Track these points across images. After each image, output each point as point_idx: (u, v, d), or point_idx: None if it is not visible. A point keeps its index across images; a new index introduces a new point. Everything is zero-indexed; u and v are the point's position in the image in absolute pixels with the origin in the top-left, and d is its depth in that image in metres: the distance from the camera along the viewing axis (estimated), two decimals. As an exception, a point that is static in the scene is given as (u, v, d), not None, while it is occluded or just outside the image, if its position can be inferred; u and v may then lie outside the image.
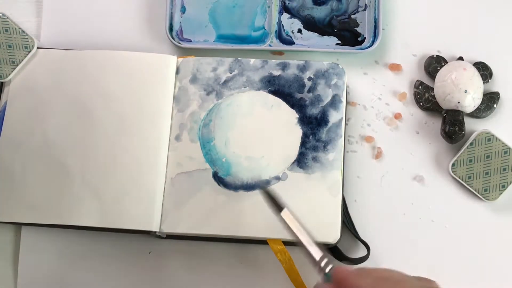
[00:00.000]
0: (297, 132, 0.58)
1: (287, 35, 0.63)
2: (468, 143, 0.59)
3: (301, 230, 0.48)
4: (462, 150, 0.59)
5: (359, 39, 0.63)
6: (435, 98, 0.60)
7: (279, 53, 0.63)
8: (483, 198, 0.58)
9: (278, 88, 0.59)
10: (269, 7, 0.64)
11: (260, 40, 0.63)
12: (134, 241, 0.59)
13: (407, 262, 0.58)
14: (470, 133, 0.60)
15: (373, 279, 0.43)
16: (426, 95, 0.61)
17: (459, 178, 0.59)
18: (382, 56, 0.63)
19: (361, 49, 0.62)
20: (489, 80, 0.61)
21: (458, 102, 0.59)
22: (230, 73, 0.60)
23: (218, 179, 0.57)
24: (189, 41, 0.64)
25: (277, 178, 0.57)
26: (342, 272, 0.44)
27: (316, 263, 0.47)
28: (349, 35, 0.63)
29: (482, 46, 0.62)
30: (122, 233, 0.58)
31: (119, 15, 0.65)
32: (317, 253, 0.47)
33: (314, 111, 0.58)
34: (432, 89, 0.61)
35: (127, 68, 0.60)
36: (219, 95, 0.59)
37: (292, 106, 0.59)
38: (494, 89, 0.61)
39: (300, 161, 0.57)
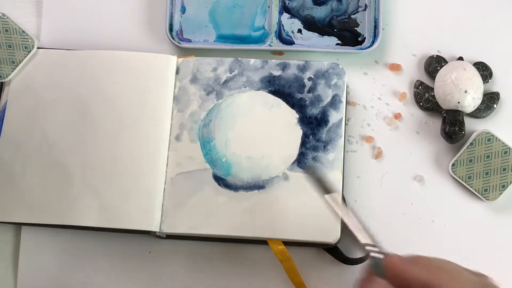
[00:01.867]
0: (297, 132, 0.58)
1: (287, 35, 0.63)
2: (468, 143, 0.59)
3: (349, 215, 0.47)
4: (462, 150, 0.59)
5: (359, 39, 0.63)
6: (435, 98, 0.60)
7: (279, 53, 0.63)
8: (483, 198, 0.58)
9: (278, 88, 0.59)
10: (269, 7, 0.64)
11: (260, 40, 0.63)
12: (134, 241, 0.59)
13: (407, 262, 0.58)
14: (470, 133, 0.60)
15: (427, 267, 0.41)
16: (426, 95, 0.61)
17: (459, 178, 0.59)
18: (382, 56, 0.63)
19: (361, 49, 0.62)
20: (489, 80, 0.61)
21: (458, 102, 0.59)
22: (230, 73, 0.60)
23: (218, 179, 0.57)
24: (189, 41, 0.64)
25: (277, 178, 0.57)
26: (393, 260, 0.42)
27: (362, 247, 0.45)
28: (349, 35, 0.63)
29: (482, 46, 0.62)
30: (122, 233, 0.58)
31: (119, 15, 0.65)
32: (364, 239, 0.45)
33: (314, 111, 0.58)
34: (432, 89, 0.61)
35: (127, 68, 0.60)
36: (219, 95, 0.59)
37: (292, 106, 0.59)
38: (494, 89, 0.61)
39: (300, 161, 0.57)
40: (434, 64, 0.61)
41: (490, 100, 0.60)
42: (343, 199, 0.57)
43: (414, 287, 0.40)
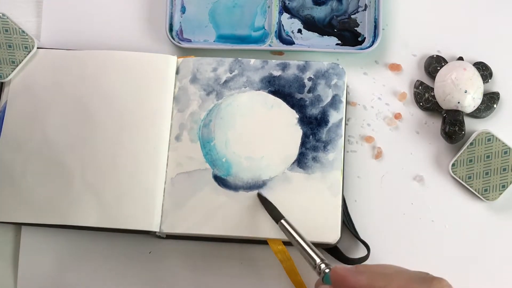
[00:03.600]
0: (297, 132, 0.58)
1: (287, 35, 0.63)
2: (468, 143, 0.59)
3: (299, 235, 0.51)
4: (462, 150, 0.59)
5: (359, 39, 0.63)
6: (435, 98, 0.60)
7: (279, 53, 0.63)
8: (483, 198, 0.58)
9: (278, 88, 0.59)
10: (269, 7, 0.64)
11: (260, 40, 0.63)
12: (134, 241, 0.59)
13: (407, 262, 0.58)
14: (470, 133, 0.60)
15: (369, 275, 0.43)
16: (426, 95, 0.61)
17: (459, 178, 0.59)
18: (382, 56, 0.63)
19: (361, 49, 0.62)
20: (489, 80, 0.61)
21: (458, 102, 0.59)
22: (230, 73, 0.60)
23: (218, 179, 0.57)
24: (189, 41, 0.64)
25: (277, 178, 0.57)
26: (339, 271, 0.44)
27: (316, 265, 0.48)
28: (349, 35, 0.63)
29: (482, 46, 0.62)
30: (122, 233, 0.58)
31: (119, 15, 0.65)
32: (316, 256, 0.49)
33: (314, 111, 0.58)
34: (432, 89, 0.61)
35: (127, 68, 0.60)
36: (219, 95, 0.59)
37: (292, 106, 0.59)
38: (494, 89, 0.61)
39: (300, 161, 0.57)
40: (434, 64, 0.61)
41: (490, 100, 0.60)
42: (343, 199, 0.57)
43: None
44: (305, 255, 0.50)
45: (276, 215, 0.54)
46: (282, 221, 0.53)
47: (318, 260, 0.49)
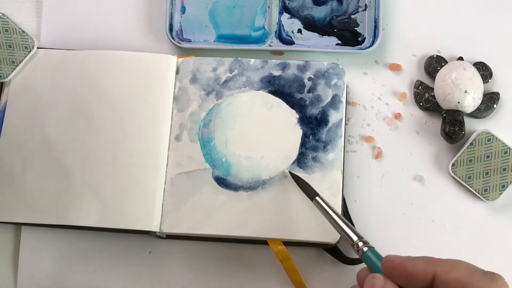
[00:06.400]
0: (297, 132, 0.58)
1: (287, 35, 0.63)
2: (468, 143, 0.59)
3: (335, 213, 0.51)
4: (462, 150, 0.59)
5: (359, 39, 0.63)
6: (435, 98, 0.60)
7: (279, 53, 0.63)
8: (483, 198, 0.58)
9: (278, 88, 0.59)
10: (269, 7, 0.64)
11: (260, 40, 0.63)
12: (134, 241, 0.59)
13: (407, 262, 0.58)
14: (470, 133, 0.60)
15: (427, 260, 0.42)
16: (426, 95, 0.61)
17: (459, 178, 0.59)
18: (382, 56, 0.63)
19: (361, 49, 0.62)
20: (489, 80, 0.61)
21: (458, 102, 0.59)
22: (230, 73, 0.60)
23: (218, 179, 0.57)
24: (189, 41, 0.64)
25: (277, 178, 0.57)
26: (393, 258, 0.43)
27: (353, 243, 0.48)
28: (349, 35, 0.63)
29: (482, 46, 0.63)
30: (122, 233, 0.58)
31: (119, 15, 0.65)
32: (353, 234, 0.49)
33: (314, 111, 0.58)
34: (432, 89, 0.61)
35: (127, 68, 0.60)
36: (219, 95, 0.59)
37: (292, 106, 0.59)
38: (494, 89, 0.61)
39: (300, 161, 0.57)
40: (434, 64, 0.61)
41: (490, 100, 0.60)
42: (343, 199, 0.57)
43: (415, 278, 0.41)
44: (342, 233, 0.50)
45: (310, 193, 0.54)
46: (317, 198, 0.53)
47: (355, 238, 0.48)
